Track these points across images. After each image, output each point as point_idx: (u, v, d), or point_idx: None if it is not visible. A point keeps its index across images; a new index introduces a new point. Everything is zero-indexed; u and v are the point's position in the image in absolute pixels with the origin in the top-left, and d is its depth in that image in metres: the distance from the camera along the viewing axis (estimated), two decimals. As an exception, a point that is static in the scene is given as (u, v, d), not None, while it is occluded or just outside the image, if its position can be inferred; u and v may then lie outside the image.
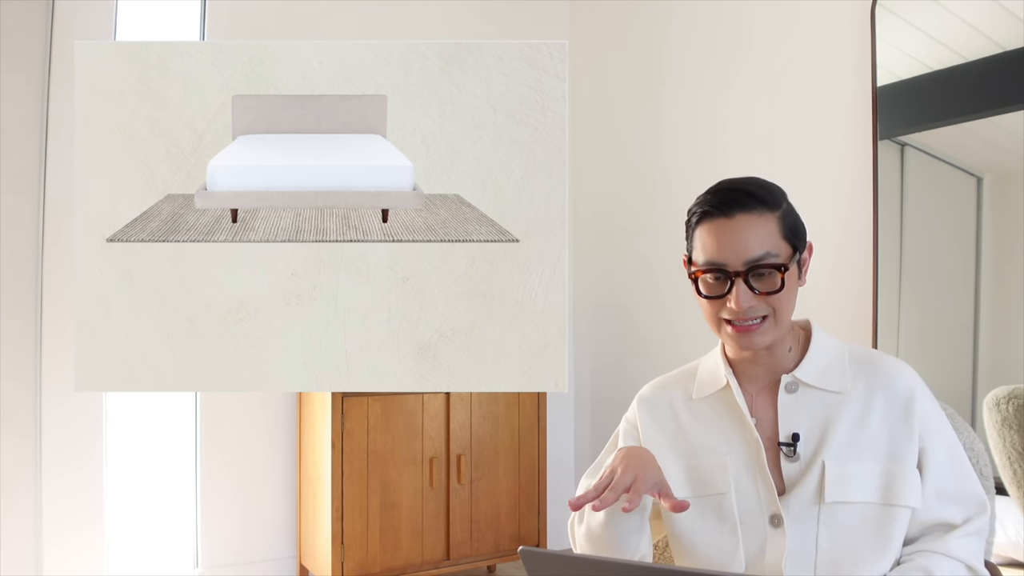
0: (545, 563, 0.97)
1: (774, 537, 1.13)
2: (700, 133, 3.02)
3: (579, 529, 1.22)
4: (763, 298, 1.12)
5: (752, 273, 1.11)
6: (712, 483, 1.17)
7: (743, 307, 1.11)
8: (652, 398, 1.29)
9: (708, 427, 1.22)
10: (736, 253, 1.11)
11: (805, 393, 1.17)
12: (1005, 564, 1.84)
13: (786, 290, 1.12)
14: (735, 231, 1.11)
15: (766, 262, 1.11)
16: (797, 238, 1.15)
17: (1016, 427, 1.74)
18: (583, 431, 3.55)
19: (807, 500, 1.12)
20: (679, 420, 1.24)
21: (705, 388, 1.24)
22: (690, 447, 1.22)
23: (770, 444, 1.17)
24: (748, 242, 1.11)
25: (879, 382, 1.16)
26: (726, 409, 1.21)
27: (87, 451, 2.64)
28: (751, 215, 1.12)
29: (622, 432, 1.31)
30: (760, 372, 1.21)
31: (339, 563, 2.69)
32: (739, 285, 1.11)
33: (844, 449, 1.12)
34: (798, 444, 1.14)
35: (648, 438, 1.26)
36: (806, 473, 1.13)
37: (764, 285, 1.12)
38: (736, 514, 1.15)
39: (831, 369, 1.17)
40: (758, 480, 1.15)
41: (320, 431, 2.78)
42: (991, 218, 2.16)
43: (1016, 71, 2.06)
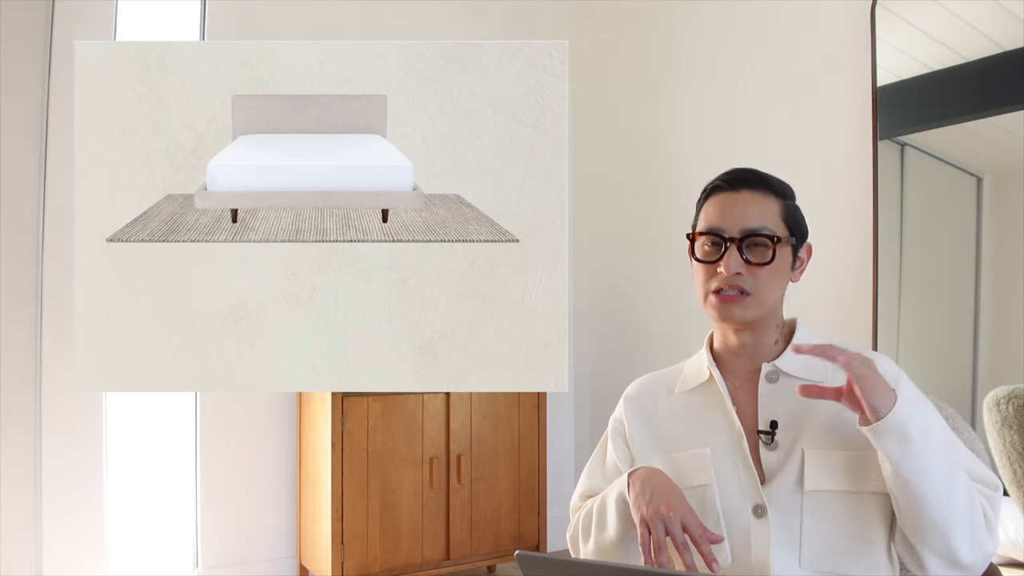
0: (542, 567, 0.97)
1: (758, 527, 1.13)
2: (700, 133, 3.02)
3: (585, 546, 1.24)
4: (752, 268, 1.15)
5: (746, 242, 1.15)
6: (695, 474, 1.18)
7: (731, 271, 1.14)
8: (637, 396, 1.31)
9: (691, 420, 1.23)
10: (734, 221, 1.16)
11: (785, 383, 1.18)
12: (1005, 564, 1.84)
13: (775, 264, 1.15)
14: (738, 202, 1.17)
15: (761, 233, 1.15)
16: (797, 229, 1.19)
17: (1016, 427, 1.74)
18: (583, 431, 3.55)
19: (788, 489, 1.13)
20: (662, 415, 1.26)
21: (689, 382, 1.26)
22: (673, 440, 1.23)
23: (751, 434, 1.18)
24: (748, 213, 1.16)
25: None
26: (709, 400, 1.23)
27: (87, 451, 2.64)
28: (756, 193, 1.17)
29: (610, 431, 1.33)
30: (743, 364, 1.22)
31: (339, 563, 2.69)
32: (731, 250, 1.15)
33: (823, 437, 1.14)
34: (776, 432, 1.15)
35: (633, 434, 1.28)
36: (786, 462, 1.14)
37: (755, 256, 1.15)
38: (719, 506, 1.16)
39: (813, 360, 1.17)
40: (741, 470, 1.16)
41: (320, 431, 2.78)
42: (991, 218, 2.16)
43: (1016, 71, 2.06)
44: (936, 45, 2.26)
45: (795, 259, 1.20)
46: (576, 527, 1.28)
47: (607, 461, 1.32)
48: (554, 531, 3.29)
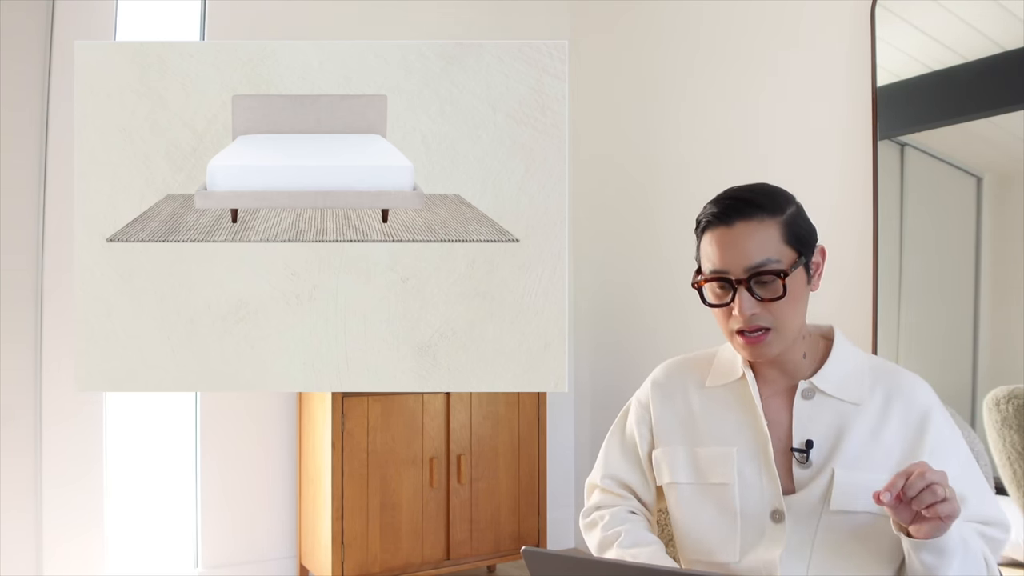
0: (548, 563, 0.97)
1: (773, 532, 1.14)
2: (700, 133, 3.02)
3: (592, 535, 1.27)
4: (766, 305, 1.13)
5: (754, 280, 1.12)
6: (717, 472, 1.19)
7: (746, 314, 1.12)
8: (666, 382, 1.30)
9: (719, 416, 1.23)
10: (737, 260, 1.13)
11: (821, 401, 1.17)
12: (1005, 564, 1.84)
13: (789, 297, 1.13)
14: (735, 239, 1.13)
15: (767, 268, 1.12)
16: (802, 243, 1.15)
17: (1016, 427, 1.74)
18: (583, 431, 3.55)
19: (812, 503, 1.13)
20: (691, 406, 1.26)
21: (720, 377, 1.25)
22: (698, 434, 1.23)
23: (780, 448, 1.17)
24: (748, 249, 1.12)
25: (897, 395, 1.17)
26: (738, 401, 1.22)
27: (87, 451, 2.64)
28: (751, 222, 1.13)
29: (634, 415, 1.32)
30: (775, 375, 1.21)
31: (339, 563, 2.69)
32: (741, 292, 1.12)
33: (855, 459, 1.13)
34: (811, 451, 1.15)
35: (659, 422, 1.28)
36: (815, 478, 1.14)
37: (766, 292, 1.13)
38: (738, 505, 1.16)
39: (850, 379, 1.17)
40: (763, 474, 1.16)
41: (320, 431, 2.78)
42: (991, 218, 2.16)
43: (1016, 71, 2.06)
44: (936, 45, 2.26)
45: (809, 273, 1.17)
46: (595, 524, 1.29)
47: (626, 441, 1.32)
48: (554, 531, 3.29)
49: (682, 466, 1.22)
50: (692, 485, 1.21)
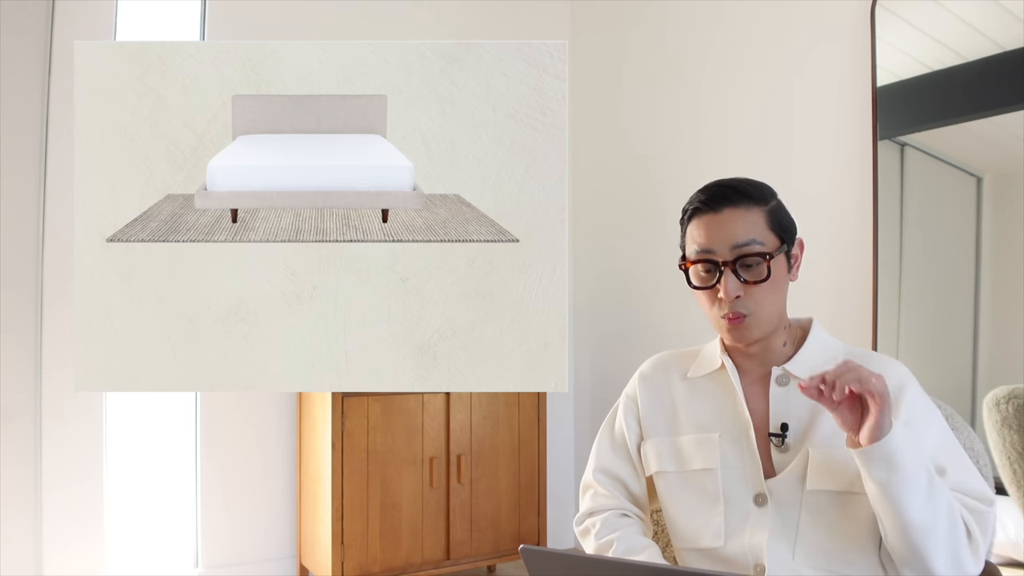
0: (546, 562, 0.97)
1: (757, 516, 1.16)
2: (700, 133, 3.02)
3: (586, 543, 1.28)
4: (749, 289, 1.16)
5: (739, 262, 1.16)
6: (699, 458, 1.22)
7: (731, 295, 1.15)
8: (651, 375, 1.34)
9: (700, 405, 1.26)
10: (723, 240, 1.16)
11: (795, 386, 1.19)
12: (1005, 564, 1.84)
13: (771, 282, 1.16)
14: (722, 222, 1.17)
15: (752, 249, 1.15)
16: (785, 231, 1.20)
17: (1016, 427, 1.74)
18: (583, 431, 3.55)
19: (791, 485, 1.15)
20: (674, 397, 1.29)
21: (702, 368, 1.29)
22: (682, 423, 1.26)
23: (760, 434, 1.20)
24: (735, 230, 1.16)
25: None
26: (720, 389, 1.25)
27: (87, 451, 2.64)
28: (738, 208, 1.17)
29: (622, 408, 1.35)
30: (754, 364, 1.25)
31: (339, 563, 2.69)
32: (727, 274, 1.16)
33: (829, 438, 1.15)
34: (787, 434, 1.18)
35: (645, 413, 1.31)
36: (792, 459, 1.17)
37: (751, 274, 1.16)
38: (721, 490, 1.19)
39: (824, 365, 1.19)
40: (746, 458, 1.19)
41: (320, 431, 2.78)
42: (991, 218, 2.16)
43: (1016, 71, 2.06)
44: (936, 45, 2.26)
45: (789, 263, 1.21)
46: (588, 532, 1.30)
47: (615, 434, 1.35)
48: (554, 531, 3.29)
49: (667, 455, 1.25)
50: (676, 473, 1.24)
